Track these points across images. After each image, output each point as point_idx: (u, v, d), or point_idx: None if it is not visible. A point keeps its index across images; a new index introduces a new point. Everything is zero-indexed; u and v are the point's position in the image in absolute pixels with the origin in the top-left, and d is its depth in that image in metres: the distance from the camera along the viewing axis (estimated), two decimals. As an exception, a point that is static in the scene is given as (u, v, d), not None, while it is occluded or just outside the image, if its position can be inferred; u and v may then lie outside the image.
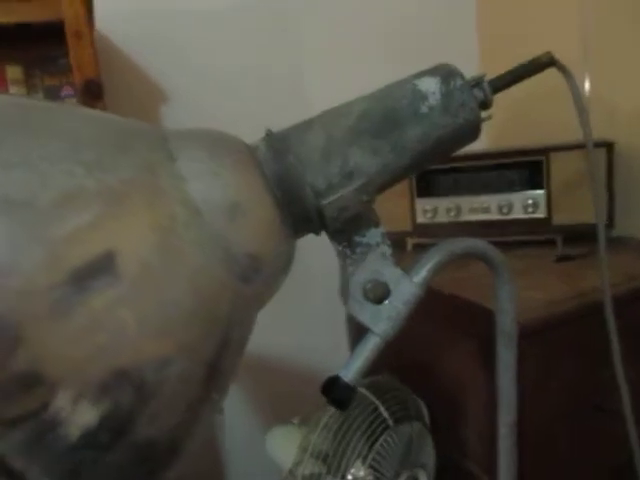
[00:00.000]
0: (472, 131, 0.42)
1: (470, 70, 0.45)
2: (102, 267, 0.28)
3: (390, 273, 0.42)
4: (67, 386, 0.27)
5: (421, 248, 1.06)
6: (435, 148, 0.41)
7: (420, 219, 1.04)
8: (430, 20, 1.30)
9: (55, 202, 0.28)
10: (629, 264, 0.85)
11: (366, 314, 0.42)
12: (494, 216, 1.00)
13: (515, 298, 0.48)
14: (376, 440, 0.77)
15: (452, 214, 1.02)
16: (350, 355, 0.43)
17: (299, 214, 0.38)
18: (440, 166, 1.01)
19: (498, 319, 0.48)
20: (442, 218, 1.03)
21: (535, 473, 0.72)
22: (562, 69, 0.46)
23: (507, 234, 1.01)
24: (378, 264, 0.42)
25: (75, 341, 0.27)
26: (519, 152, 0.97)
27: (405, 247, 1.07)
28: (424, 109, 0.40)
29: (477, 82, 0.43)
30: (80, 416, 0.27)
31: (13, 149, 0.29)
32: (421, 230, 1.04)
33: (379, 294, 0.41)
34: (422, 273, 0.43)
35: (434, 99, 0.40)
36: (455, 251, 0.45)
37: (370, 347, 0.42)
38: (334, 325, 1.28)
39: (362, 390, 0.80)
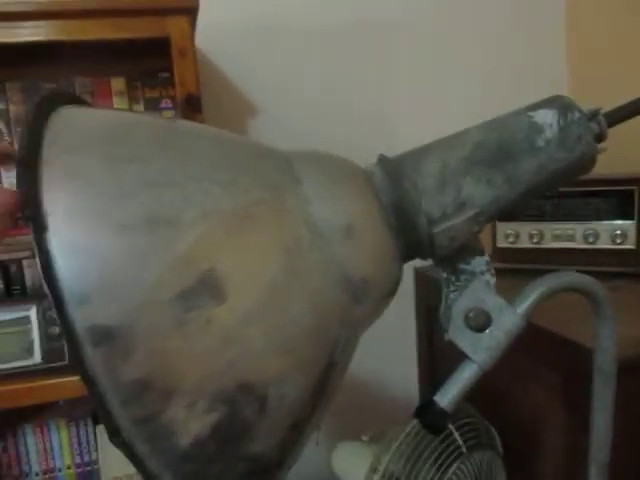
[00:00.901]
0: (587, 164, 0.42)
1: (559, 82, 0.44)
2: (230, 281, 0.30)
3: (493, 302, 0.42)
4: (187, 395, 0.28)
5: (500, 272, 1.04)
6: (549, 181, 0.41)
7: (501, 243, 1.02)
8: (518, 50, 1.29)
9: (195, 220, 0.30)
10: None
11: (466, 342, 0.42)
12: (579, 244, 0.97)
13: (615, 336, 0.47)
14: (449, 466, 0.76)
15: (534, 240, 1.00)
16: (446, 381, 0.43)
17: (410, 240, 0.38)
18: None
19: (597, 357, 0.47)
20: (524, 243, 1.01)
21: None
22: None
23: (592, 264, 0.98)
24: (481, 292, 0.42)
25: (202, 352, 0.29)
26: (609, 181, 0.94)
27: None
28: (540, 142, 0.40)
29: (593, 115, 0.42)
30: (195, 424, 0.28)
31: (161, 168, 0.31)
32: (501, 254, 1.03)
33: (481, 322, 0.41)
34: (525, 304, 0.42)
35: (551, 132, 0.40)
36: (559, 284, 0.44)
37: (467, 375, 0.42)
38: (404, 342, 1.27)
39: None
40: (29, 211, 0.28)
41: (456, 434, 0.76)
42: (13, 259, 0.92)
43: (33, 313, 0.85)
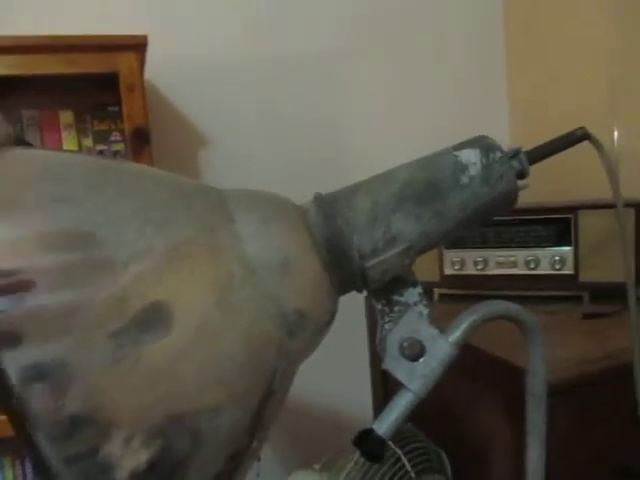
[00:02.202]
0: (510, 200, 0.45)
1: (501, 130, 0.47)
2: (162, 319, 0.31)
3: (426, 332, 0.44)
4: (121, 431, 0.29)
5: (448, 298, 1.07)
6: (474, 216, 0.43)
7: (448, 270, 1.05)
8: (465, 86, 1.35)
9: (128, 260, 0.31)
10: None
11: (401, 371, 0.43)
12: (521, 270, 1.02)
13: (545, 361, 0.49)
14: (399, 492, 0.77)
15: (479, 267, 1.03)
16: (384, 409, 0.44)
17: (344, 274, 0.40)
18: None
19: (529, 381, 0.49)
20: (469, 270, 1.04)
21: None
22: (595, 143, 0.49)
23: (534, 289, 1.02)
24: (415, 323, 0.44)
25: (133, 389, 0.30)
26: (548, 209, 0.99)
27: (432, 297, 1.08)
28: (465, 179, 0.42)
29: (515, 154, 0.45)
30: (130, 459, 0.29)
31: (95, 208, 0.32)
32: (448, 281, 1.06)
33: (415, 352, 0.43)
34: (457, 333, 0.44)
35: (474, 170, 0.43)
36: (490, 313, 0.46)
37: (404, 403, 0.43)
38: (356, 369, 1.28)
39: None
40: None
41: (404, 459, 0.78)
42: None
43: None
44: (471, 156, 0.43)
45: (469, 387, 0.85)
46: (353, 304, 0.42)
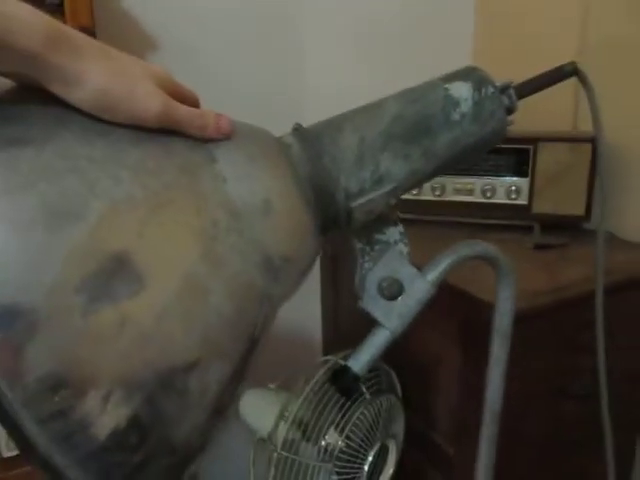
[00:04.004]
0: (498, 137, 0.43)
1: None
2: (138, 272, 0.28)
3: (405, 271, 0.43)
4: (98, 388, 0.27)
5: (404, 222, 1.08)
6: (462, 154, 0.42)
7: (405, 195, 1.05)
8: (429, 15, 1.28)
9: (103, 213, 0.27)
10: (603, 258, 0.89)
11: (379, 309, 0.43)
12: (477, 199, 1.02)
13: (514, 303, 0.50)
14: (353, 412, 0.80)
15: (437, 193, 1.03)
16: (359, 346, 0.44)
17: (328, 215, 0.38)
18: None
19: (496, 320, 0.50)
20: (427, 196, 1.04)
21: (507, 452, 0.77)
22: (583, 80, 0.47)
23: (488, 217, 1.04)
24: (395, 262, 0.43)
25: (112, 343, 0.27)
26: (508, 139, 0.98)
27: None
28: (456, 116, 0.40)
29: (504, 89, 0.43)
30: (110, 417, 0.27)
31: (60, 151, 0.28)
32: (405, 206, 1.05)
33: (393, 291, 0.43)
34: (435, 273, 0.44)
35: (466, 106, 0.41)
36: (467, 254, 0.46)
37: (380, 341, 0.43)
38: (308, 291, 1.29)
39: (341, 362, 0.82)
40: None
41: (360, 383, 0.80)
42: None
43: None
44: (463, 91, 0.41)
45: (424, 312, 0.87)
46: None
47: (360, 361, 0.43)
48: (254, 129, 0.37)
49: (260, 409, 0.90)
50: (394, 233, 0.43)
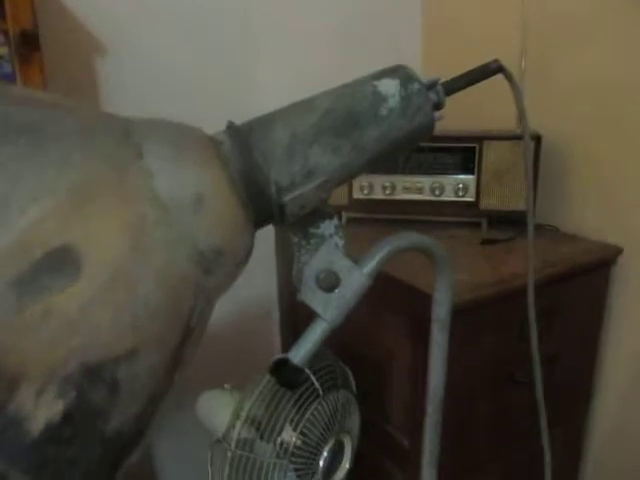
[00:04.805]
0: (426, 132, 0.45)
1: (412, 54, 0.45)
2: (68, 265, 0.28)
3: (341, 263, 0.44)
4: (31, 384, 0.27)
5: (356, 222, 1.09)
6: (391, 148, 0.43)
7: (356, 194, 1.07)
8: (378, 9, 1.30)
9: (26, 205, 0.28)
10: (547, 250, 0.92)
11: (317, 301, 0.44)
12: (427, 196, 1.05)
13: (452, 290, 0.52)
14: (307, 408, 0.80)
15: (387, 192, 1.06)
16: (299, 338, 0.45)
17: (261, 209, 0.39)
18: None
19: (435, 308, 0.52)
20: (377, 195, 1.06)
21: (457, 441, 0.79)
22: (508, 76, 0.49)
23: (438, 214, 1.06)
24: (331, 254, 0.44)
25: (41, 339, 0.28)
26: (455, 138, 1.02)
27: (340, 220, 1.10)
28: (383, 111, 0.42)
29: (432, 85, 0.45)
30: (43, 411, 0.27)
31: None
32: (357, 205, 1.08)
33: (330, 283, 0.44)
34: (371, 264, 0.45)
35: (393, 102, 0.42)
36: (402, 245, 0.47)
37: (319, 332, 0.44)
38: (264, 294, 1.30)
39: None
40: None
41: (313, 378, 0.81)
42: None
43: None
44: (390, 87, 0.43)
45: (374, 309, 0.89)
46: (263, 234, 0.41)
47: (300, 352, 0.44)
48: (184, 126, 0.38)
49: (215, 410, 0.90)
50: (329, 226, 0.44)
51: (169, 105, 0.79)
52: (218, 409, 0.89)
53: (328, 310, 0.44)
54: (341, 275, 0.44)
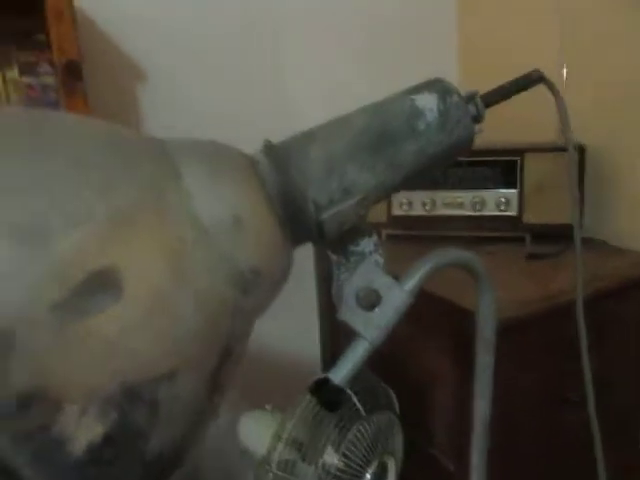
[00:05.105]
0: (465, 146, 0.44)
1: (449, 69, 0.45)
2: (109, 288, 0.28)
3: (382, 281, 0.43)
4: (73, 406, 0.27)
5: (395, 239, 1.08)
6: (429, 163, 0.42)
7: (396, 211, 1.06)
8: (411, 21, 1.30)
9: (67, 229, 0.28)
10: (595, 265, 0.89)
11: (357, 320, 0.43)
12: (467, 212, 1.03)
13: (495, 307, 0.50)
14: (349, 429, 0.79)
15: (427, 208, 1.04)
16: (340, 358, 0.44)
17: (299, 228, 0.38)
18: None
19: (479, 326, 0.50)
20: (417, 211, 1.05)
21: (506, 465, 0.76)
22: (550, 86, 0.48)
23: (479, 229, 1.04)
24: (371, 272, 0.43)
25: (83, 362, 0.28)
26: (495, 151, 1.00)
27: (380, 238, 1.09)
28: (421, 126, 0.41)
29: (471, 98, 0.44)
30: (85, 432, 0.27)
31: (21, 171, 0.28)
32: (396, 222, 1.06)
33: (371, 301, 0.43)
34: (412, 281, 0.44)
35: (431, 116, 0.41)
36: (443, 261, 0.46)
37: (360, 352, 0.43)
38: (304, 313, 1.29)
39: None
40: None
41: (355, 399, 0.80)
42: None
43: None
44: (427, 101, 0.42)
45: (417, 328, 0.87)
46: (302, 253, 0.41)
47: (341, 372, 0.43)
48: (222, 146, 0.38)
49: (257, 431, 0.90)
50: (369, 244, 0.44)
51: (203, 130, 0.81)
52: (259, 430, 0.89)
53: (369, 329, 0.43)
54: (382, 293, 0.43)
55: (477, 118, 0.44)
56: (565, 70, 1.09)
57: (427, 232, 1.06)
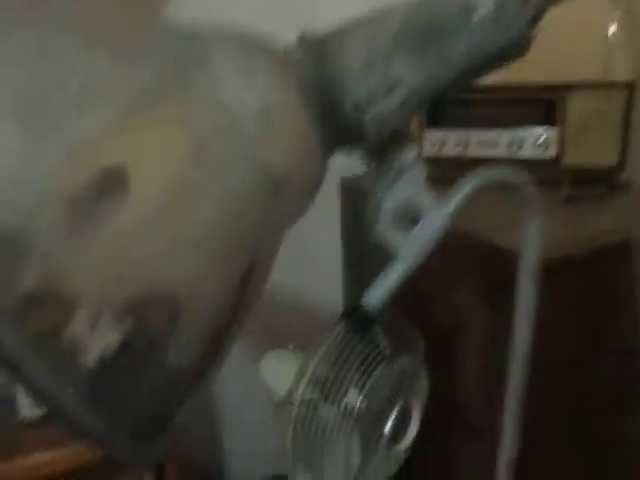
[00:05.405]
0: (521, 47, 0.39)
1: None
2: (127, 178, 0.25)
3: (421, 199, 0.40)
4: (85, 309, 0.24)
5: (426, 180, 1.04)
6: (480, 63, 0.38)
7: (427, 151, 1.01)
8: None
9: (77, 98, 0.25)
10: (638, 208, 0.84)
11: (394, 240, 0.40)
12: (502, 152, 0.98)
13: (542, 234, 0.47)
14: (373, 371, 0.77)
15: (460, 148, 0.99)
16: (374, 282, 0.41)
17: (336, 128, 0.35)
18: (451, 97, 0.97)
19: (523, 257, 0.47)
20: (450, 151, 1.00)
21: (538, 415, 0.73)
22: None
23: (515, 172, 0.99)
24: (410, 189, 0.40)
25: (99, 259, 0.25)
26: (535, 88, 0.94)
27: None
28: (473, 20, 0.36)
29: (529, -4, 0.39)
30: (100, 341, 0.25)
31: (34, 41, 0.25)
32: (427, 162, 1.01)
33: (409, 220, 0.40)
34: (454, 201, 0.41)
35: (485, 10, 0.37)
36: (487, 179, 0.43)
37: (395, 274, 0.40)
38: (327, 257, 1.27)
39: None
40: None
41: (380, 337, 0.77)
42: None
43: None
44: (483, -7, 0.37)
45: (444, 266, 0.83)
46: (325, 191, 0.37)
47: (375, 296, 0.41)
48: (253, 34, 0.34)
49: (279, 370, 0.88)
50: (408, 157, 0.40)
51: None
52: (283, 369, 0.87)
53: (405, 250, 0.40)
54: (421, 211, 0.40)
55: (535, 18, 0.40)
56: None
57: (459, 173, 1.01)
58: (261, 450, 1.12)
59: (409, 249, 0.39)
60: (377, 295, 0.40)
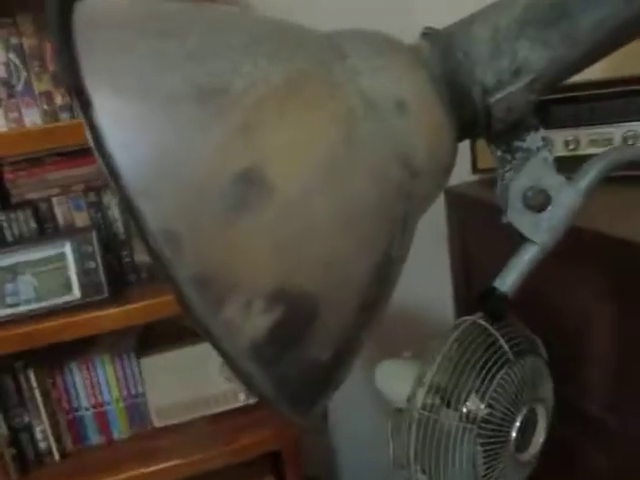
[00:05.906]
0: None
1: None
2: (284, 155, 0.28)
3: (552, 180, 0.40)
4: (239, 295, 0.27)
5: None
6: (608, 39, 0.38)
7: (535, 154, 0.98)
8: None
9: (246, 90, 0.28)
10: None
11: (525, 223, 0.40)
12: (618, 149, 0.93)
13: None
14: (494, 376, 0.75)
15: (570, 147, 0.96)
16: (506, 266, 0.41)
17: (465, 113, 0.36)
18: (556, 95, 0.95)
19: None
20: (559, 152, 0.97)
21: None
22: None
23: (631, 169, 0.94)
24: (539, 170, 0.40)
25: (259, 232, 0.27)
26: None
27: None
28: (598, -6, 0.37)
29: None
30: (252, 326, 0.27)
31: (201, 41, 0.29)
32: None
33: (540, 202, 0.39)
34: (586, 179, 0.40)
35: (611, -17, 0.37)
36: (619, 158, 0.42)
37: (528, 258, 0.40)
38: (437, 264, 1.25)
39: (481, 322, 0.78)
40: (72, 85, 0.26)
41: (502, 340, 0.76)
42: (43, 198, 0.92)
43: (68, 249, 0.85)
44: (608, -35, 0.37)
45: (563, 269, 0.81)
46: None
47: (508, 280, 0.40)
48: (381, 33, 0.36)
49: (396, 379, 0.88)
50: (536, 139, 0.40)
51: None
52: (399, 377, 0.87)
53: (537, 232, 0.40)
54: (551, 192, 0.40)
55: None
56: None
57: (571, 174, 0.97)
58: (372, 460, 1.12)
59: (540, 231, 0.39)
60: (510, 279, 0.40)
